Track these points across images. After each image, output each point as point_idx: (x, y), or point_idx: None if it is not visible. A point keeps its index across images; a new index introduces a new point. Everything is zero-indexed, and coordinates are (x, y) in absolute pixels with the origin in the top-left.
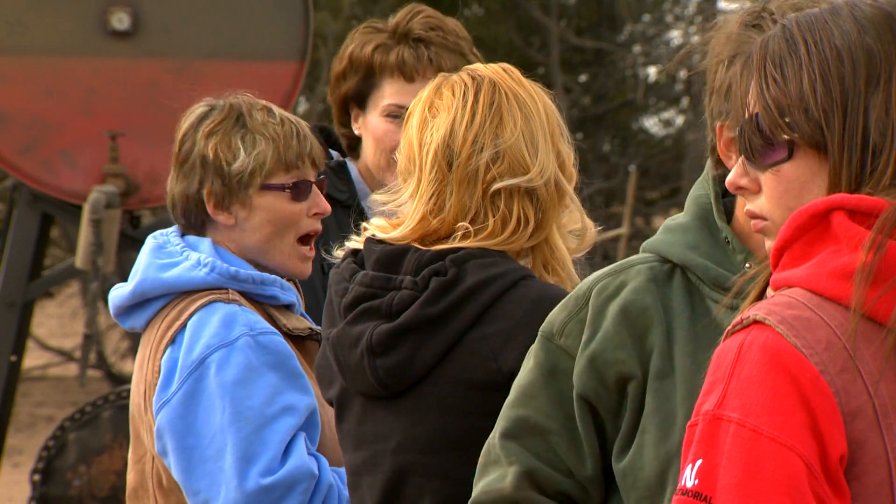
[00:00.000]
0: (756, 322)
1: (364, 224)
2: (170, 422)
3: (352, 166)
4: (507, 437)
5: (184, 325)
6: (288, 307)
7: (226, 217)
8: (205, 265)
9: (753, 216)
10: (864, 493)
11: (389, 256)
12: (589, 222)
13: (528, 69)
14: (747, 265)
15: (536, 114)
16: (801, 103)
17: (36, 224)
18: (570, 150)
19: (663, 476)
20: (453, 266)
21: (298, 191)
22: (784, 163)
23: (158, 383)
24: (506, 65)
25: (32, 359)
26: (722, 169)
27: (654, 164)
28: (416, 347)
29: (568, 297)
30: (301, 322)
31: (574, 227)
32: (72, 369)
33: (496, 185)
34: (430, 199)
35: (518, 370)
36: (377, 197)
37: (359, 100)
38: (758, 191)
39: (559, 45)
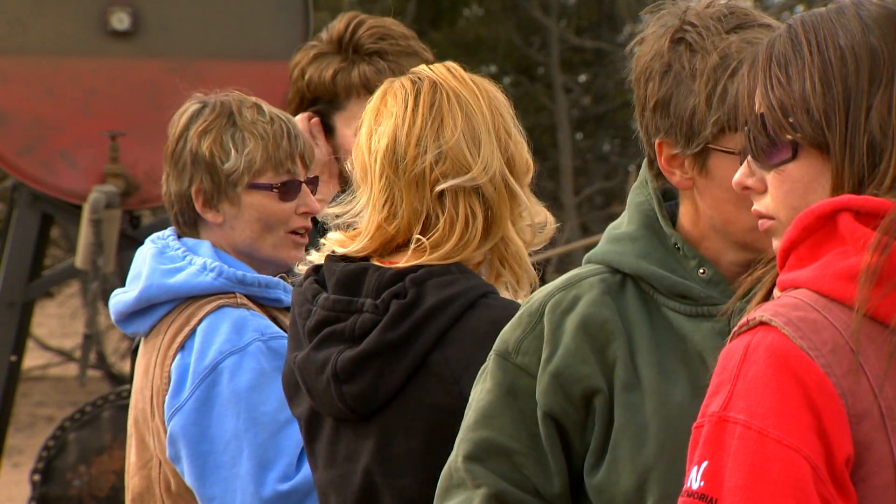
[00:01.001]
0: (762, 323)
1: (322, 240)
2: (183, 428)
3: None
4: (471, 460)
5: (193, 331)
6: (289, 309)
7: (213, 215)
8: (211, 270)
9: (760, 216)
10: (870, 495)
11: (350, 277)
12: (549, 217)
13: (528, 69)
14: (701, 271)
15: (479, 111)
16: (803, 104)
17: (36, 224)
18: (520, 142)
19: (641, 489)
20: (413, 287)
21: (286, 191)
22: (788, 163)
23: (170, 390)
24: (451, 64)
25: (32, 359)
26: (663, 182)
27: None
28: (380, 373)
29: (519, 313)
30: None
31: (537, 220)
32: (72, 369)
33: (439, 186)
34: (384, 206)
35: None
36: (331, 210)
37: (323, 121)
38: (764, 190)
39: (559, 45)
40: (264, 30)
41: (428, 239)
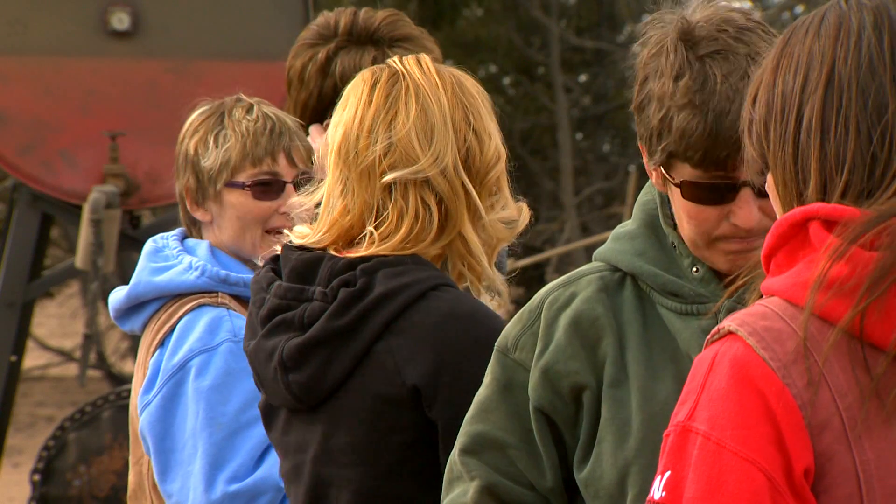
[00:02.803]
0: (730, 333)
1: (285, 230)
2: (150, 424)
3: None
4: (466, 453)
5: (173, 328)
6: None
7: (202, 213)
8: (195, 269)
9: None
10: None
11: (304, 265)
12: (525, 210)
13: (528, 69)
14: (694, 269)
15: (436, 103)
16: (757, 116)
17: (36, 224)
18: (489, 130)
19: (622, 483)
20: (363, 276)
21: (261, 189)
22: (768, 173)
23: (143, 385)
24: (422, 56)
25: (32, 359)
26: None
27: None
28: (326, 361)
29: (522, 310)
30: None
31: (506, 214)
32: (72, 369)
33: (386, 178)
34: (339, 198)
35: (422, 386)
36: (296, 200)
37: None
38: None
39: (559, 45)
40: (264, 30)
41: (378, 231)
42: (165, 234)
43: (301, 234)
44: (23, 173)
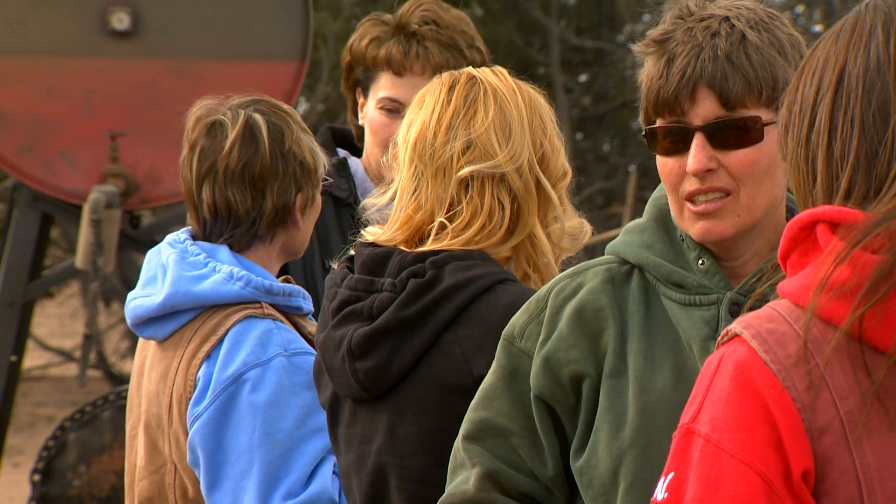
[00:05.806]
0: (736, 336)
1: (363, 230)
2: (201, 437)
3: (356, 162)
4: (469, 440)
5: (220, 340)
6: (309, 315)
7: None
8: (238, 279)
9: None
10: None
11: (375, 259)
12: (586, 225)
13: (528, 69)
14: (700, 262)
15: (514, 105)
16: (780, 118)
17: (36, 224)
18: (559, 146)
19: (616, 473)
20: (432, 268)
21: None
22: None
23: (193, 397)
24: (498, 67)
25: (32, 359)
26: None
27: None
28: (393, 350)
29: (529, 300)
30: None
31: (572, 227)
32: (72, 369)
33: (463, 171)
34: (412, 195)
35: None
36: (369, 201)
37: (364, 89)
38: None
39: (559, 45)
40: (264, 30)
41: (451, 224)
42: (178, 238)
43: (373, 233)
44: (23, 173)
